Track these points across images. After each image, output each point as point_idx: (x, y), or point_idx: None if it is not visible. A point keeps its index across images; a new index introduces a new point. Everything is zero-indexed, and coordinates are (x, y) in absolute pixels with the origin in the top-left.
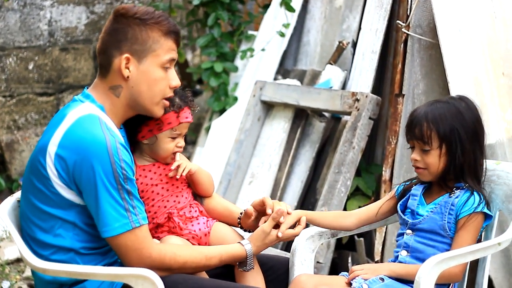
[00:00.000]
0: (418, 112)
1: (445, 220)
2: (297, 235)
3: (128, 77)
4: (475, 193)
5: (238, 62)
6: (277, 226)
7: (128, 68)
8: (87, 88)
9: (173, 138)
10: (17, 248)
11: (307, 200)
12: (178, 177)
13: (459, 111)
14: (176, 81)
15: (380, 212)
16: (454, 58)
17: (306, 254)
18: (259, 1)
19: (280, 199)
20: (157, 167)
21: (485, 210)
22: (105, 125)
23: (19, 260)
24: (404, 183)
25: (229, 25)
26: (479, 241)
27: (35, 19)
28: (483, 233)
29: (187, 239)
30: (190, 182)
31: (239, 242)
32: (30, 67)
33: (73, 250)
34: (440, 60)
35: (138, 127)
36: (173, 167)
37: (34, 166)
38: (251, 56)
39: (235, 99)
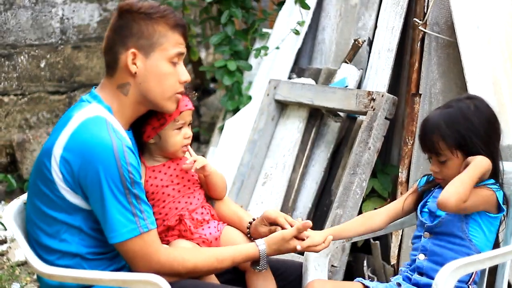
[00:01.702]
0: (426, 124)
1: (463, 221)
2: (317, 252)
3: (135, 73)
4: (490, 179)
5: (252, 60)
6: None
7: (135, 64)
8: (95, 88)
9: (179, 129)
10: (22, 250)
11: (322, 202)
12: (192, 170)
13: (465, 115)
14: (185, 75)
15: (406, 206)
16: (472, 56)
17: (320, 259)
18: None
19: (294, 201)
20: (167, 167)
21: (497, 194)
22: (112, 128)
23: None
24: (427, 176)
25: (243, 23)
26: (497, 244)
27: (47, 16)
28: (500, 235)
29: (198, 243)
30: (204, 183)
31: (254, 241)
32: (42, 65)
33: (79, 255)
34: (457, 58)
35: (141, 128)
36: (188, 161)
37: (39, 169)
38: (265, 54)
39: (249, 98)
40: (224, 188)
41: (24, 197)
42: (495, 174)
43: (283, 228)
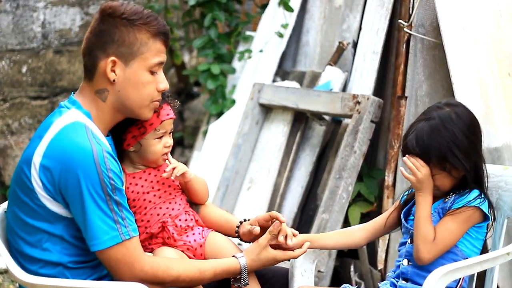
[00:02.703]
0: (409, 141)
1: None
2: (295, 258)
3: (114, 80)
4: (474, 190)
5: (235, 63)
6: (277, 246)
7: (114, 71)
8: (74, 93)
9: (159, 138)
10: (4, 259)
11: (308, 206)
12: (172, 178)
13: (446, 127)
14: (164, 84)
15: (388, 223)
16: (458, 58)
17: (307, 265)
18: (257, 1)
19: (280, 205)
20: (147, 174)
21: (482, 206)
22: (92, 133)
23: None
24: (410, 190)
25: (226, 26)
26: (485, 249)
27: (28, 21)
28: (488, 241)
29: (182, 251)
30: (185, 189)
31: (234, 256)
32: (24, 70)
33: (61, 264)
34: (443, 60)
35: (122, 135)
36: (168, 169)
37: (19, 177)
38: (249, 57)
39: (233, 102)
40: (206, 192)
41: (4, 205)
42: (478, 183)
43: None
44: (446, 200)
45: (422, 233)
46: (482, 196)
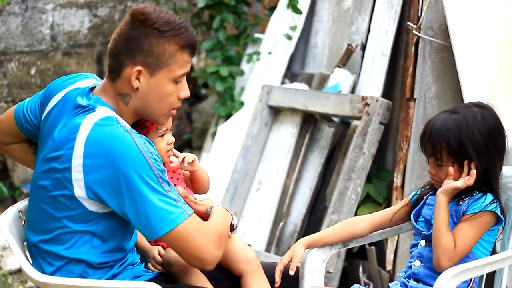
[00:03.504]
0: (430, 126)
1: None
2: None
3: (137, 88)
4: (488, 194)
5: (244, 66)
6: None
7: (139, 79)
8: (92, 89)
9: (162, 136)
10: (17, 259)
11: (316, 207)
12: (185, 165)
13: (469, 126)
14: (185, 92)
15: (395, 218)
16: (466, 60)
17: (317, 265)
18: (265, 3)
19: (289, 207)
20: None
21: (497, 211)
22: (124, 123)
23: (21, 270)
24: (419, 190)
25: (235, 28)
26: (493, 250)
27: (37, 23)
28: (498, 243)
29: None
30: (191, 180)
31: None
32: (32, 72)
33: (86, 262)
34: (452, 62)
35: None
36: (179, 159)
37: (50, 177)
38: (258, 59)
39: (242, 104)
40: (209, 182)
41: (19, 205)
42: (488, 187)
43: None
44: (460, 203)
45: (443, 242)
46: (496, 200)
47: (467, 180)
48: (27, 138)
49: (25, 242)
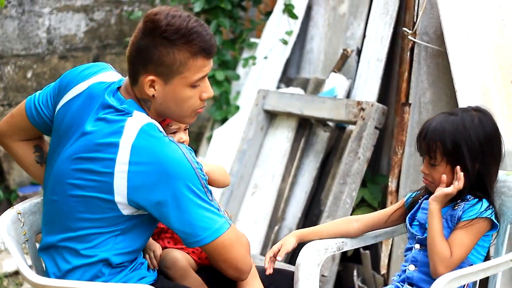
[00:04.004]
0: (427, 125)
1: None
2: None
3: (153, 95)
4: (483, 200)
5: (240, 70)
6: None
7: (154, 87)
8: (119, 87)
9: (173, 134)
10: (15, 261)
11: (311, 211)
12: None
13: (466, 128)
14: (208, 93)
15: (390, 219)
16: (461, 66)
17: (312, 269)
18: (261, 8)
19: (284, 211)
20: None
21: (492, 217)
22: (163, 131)
23: (17, 273)
24: (414, 192)
25: (231, 33)
26: (487, 257)
27: (34, 26)
28: (492, 248)
29: (187, 252)
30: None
31: None
32: (29, 75)
33: (105, 261)
34: (447, 68)
35: None
36: None
37: (89, 179)
38: (254, 64)
39: (237, 108)
40: (226, 178)
41: (17, 207)
42: (486, 193)
43: None
44: (456, 207)
45: (439, 250)
46: (491, 206)
47: (456, 185)
48: (38, 135)
49: (24, 244)
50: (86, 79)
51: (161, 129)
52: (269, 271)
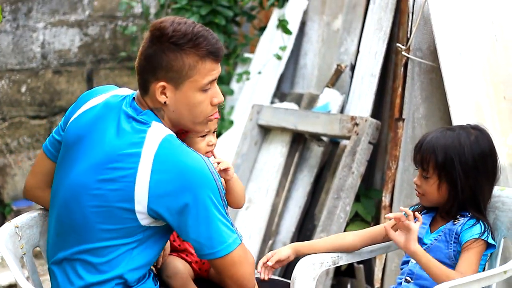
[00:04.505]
0: (425, 137)
1: (450, 249)
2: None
3: (165, 102)
4: (481, 221)
5: (234, 85)
6: None
7: (165, 94)
8: (133, 101)
9: (203, 137)
10: (13, 274)
11: (305, 226)
12: (219, 169)
13: (461, 143)
14: (218, 98)
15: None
16: (454, 81)
17: (307, 283)
18: (255, 24)
19: (278, 225)
20: None
21: (489, 240)
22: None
23: (11, 286)
24: (411, 207)
25: (225, 48)
26: (483, 269)
27: (28, 41)
28: (487, 262)
29: (190, 261)
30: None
31: None
32: (23, 89)
33: (120, 278)
34: (440, 83)
35: None
36: (217, 160)
37: (111, 190)
38: (247, 79)
39: (231, 122)
40: (243, 197)
41: (15, 221)
42: (478, 206)
43: None
44: (456, 222)
45: (445, 278)
46: (487, 227)
47: (414, 225)
48: None
49: (22, 257)
50: (101, 93)
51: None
52: (263, 276)
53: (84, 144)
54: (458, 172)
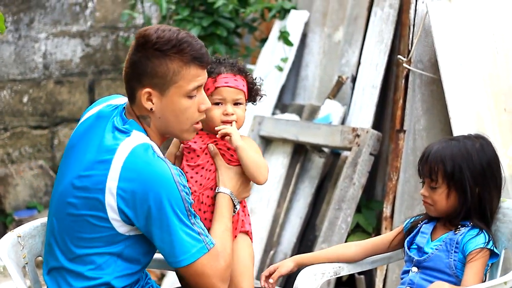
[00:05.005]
0: (430, 149)
1: (451, 258)
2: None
3: (151, 109)
4: (484, 231)
5: None
6: None
7: (151, 101)
8: (124, 111)
9: (217, 104)
10: (15, 284)
11: (306, 237)
12: (218, 136)
13: (468, 151)
14: (205, 104)
15: (392, 244)
16: (455, 93)
17: None
18: (256, 35)
19: (279, 236)
20: (199, 136)
21: (494, 248)
22: (159, 152)
23: None
24: (413, 218)
25: None
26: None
27: (30, 51)
28: (487, 272)
29: None
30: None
31: (218, 192)
32: (25, 100)
33: (107, 285)
34: (441, 95)
35: None
36: (218, 127)
37: (83, 198)
38: None
39: None
40: (257, 169)
41: (18, 231)
42: (484, 215)
43: None
44: (456, 232)
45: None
46: (491, 237)
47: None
48: None
49: (24, 266)
50: (100, 104)
51: (157, 150)
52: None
53: (72, 154)
54: (468, 179)
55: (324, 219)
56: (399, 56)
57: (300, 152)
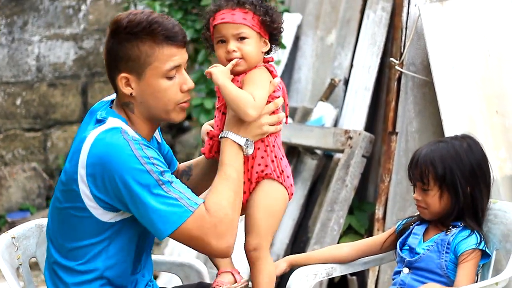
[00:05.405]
0: (419, 152)
1: (442, 259)
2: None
3: (132, 94)
4: (475, 232)
5: None
6: None
7: (130, 86)
8: (110, 104)
9: (220, 43)
10: (9, 285)
11: (298, 238)
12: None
13: (457, 152)
14: (187, 84)
15: (385, 245)
16: (448, 96)
17: None
18: None
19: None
20: None
21: (485, 248)
22: (126, 133)
23: None
24: (405, 219)
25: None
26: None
27: (23, 54)
28: (479, 273)
29: None
30: None
31: (222, 137)
32: (18, 102)
33: (102, 278)
34: (433, 98)
35: None
36: (208, 70)
37: (61, 190)
38: None
39: None
40: (237, 108)
41: (12, 232)
42: (476, 214)
43: None
44: (448, 232)
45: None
46: (482, 237)
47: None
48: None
49: (18, 267)
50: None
51: (131, 132)
52: None
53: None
54: (459, 179)
55: (316, 220)
56: (391, 59)
57: (293, 154)
